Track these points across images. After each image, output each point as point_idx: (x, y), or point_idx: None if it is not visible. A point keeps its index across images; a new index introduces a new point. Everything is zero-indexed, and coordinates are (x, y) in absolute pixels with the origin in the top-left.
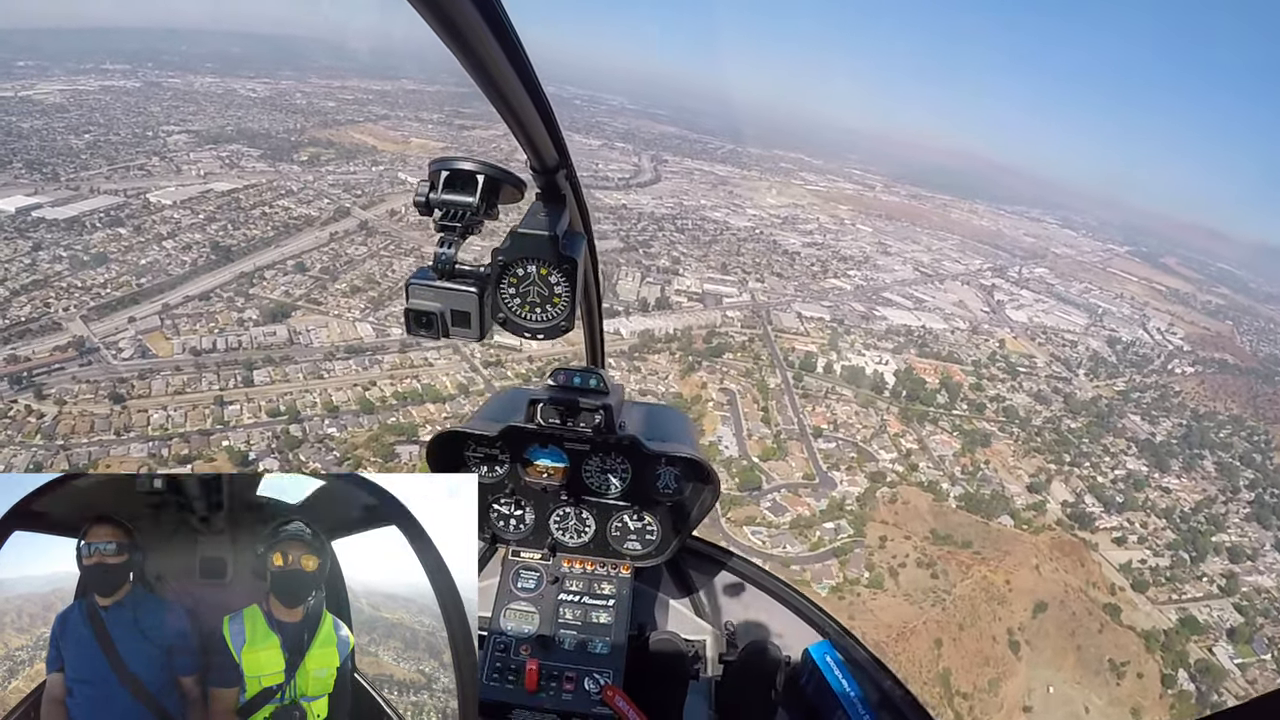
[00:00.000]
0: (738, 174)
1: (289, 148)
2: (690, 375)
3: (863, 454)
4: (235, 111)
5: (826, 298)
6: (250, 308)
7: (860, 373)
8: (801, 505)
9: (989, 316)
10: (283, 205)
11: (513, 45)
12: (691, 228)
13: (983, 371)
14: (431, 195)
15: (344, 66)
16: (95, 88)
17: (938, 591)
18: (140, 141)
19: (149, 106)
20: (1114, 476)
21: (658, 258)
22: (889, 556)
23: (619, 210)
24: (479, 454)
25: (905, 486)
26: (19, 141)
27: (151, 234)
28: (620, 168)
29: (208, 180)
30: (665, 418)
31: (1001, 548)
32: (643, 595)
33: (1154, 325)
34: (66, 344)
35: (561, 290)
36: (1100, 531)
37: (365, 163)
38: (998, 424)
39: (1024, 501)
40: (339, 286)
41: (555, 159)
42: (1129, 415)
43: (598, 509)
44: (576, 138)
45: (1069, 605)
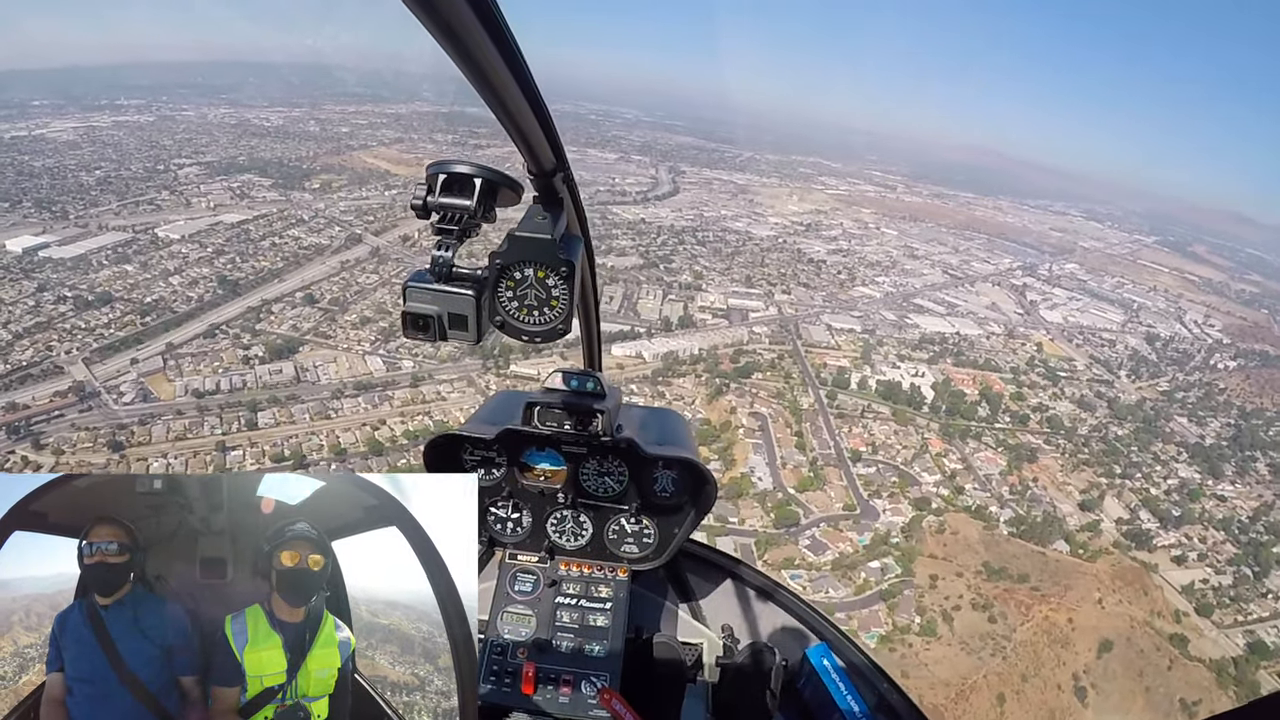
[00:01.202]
0: (757, 181)
1: (301, 176)
2: (718, 399)
3: (905, 478)
4: (248, 141)
5: (856, 307)
6: (256, 344)
7: (896, 388)
8: (843, 540)
9: (1023, 319)
10: (293, 235)
11: (510, 49)
12: (713, 239)
13: (1022, 379)
14: (429, 199)
15: (360, 93)
16: (108, 123)
17: (997, 638)
18: (151, 176)
19: (161, 140)
20: (1167, 487)
21: (679, 273)
22: (941, 598)
23: (638, 225)
24: (476, 457)
25: (952, 514)
26: (30, 180)
27: (158, 270)
28: (638, 181)
29: (217, 212)
30: (663, 421)
31: (1061, 581)
32: (640, 598)
33: (1190, 318)
34: (67, 389)
35: (559, 293)
36: (1159, 550)
37: (378, 187)
38: (1043, 436)
39: (1077, 521)
40: (349, 318)
41: (553, 162)
42: (1175, 418)
43: (595, 512)
44: (593, 152)
45: (1135, 641)
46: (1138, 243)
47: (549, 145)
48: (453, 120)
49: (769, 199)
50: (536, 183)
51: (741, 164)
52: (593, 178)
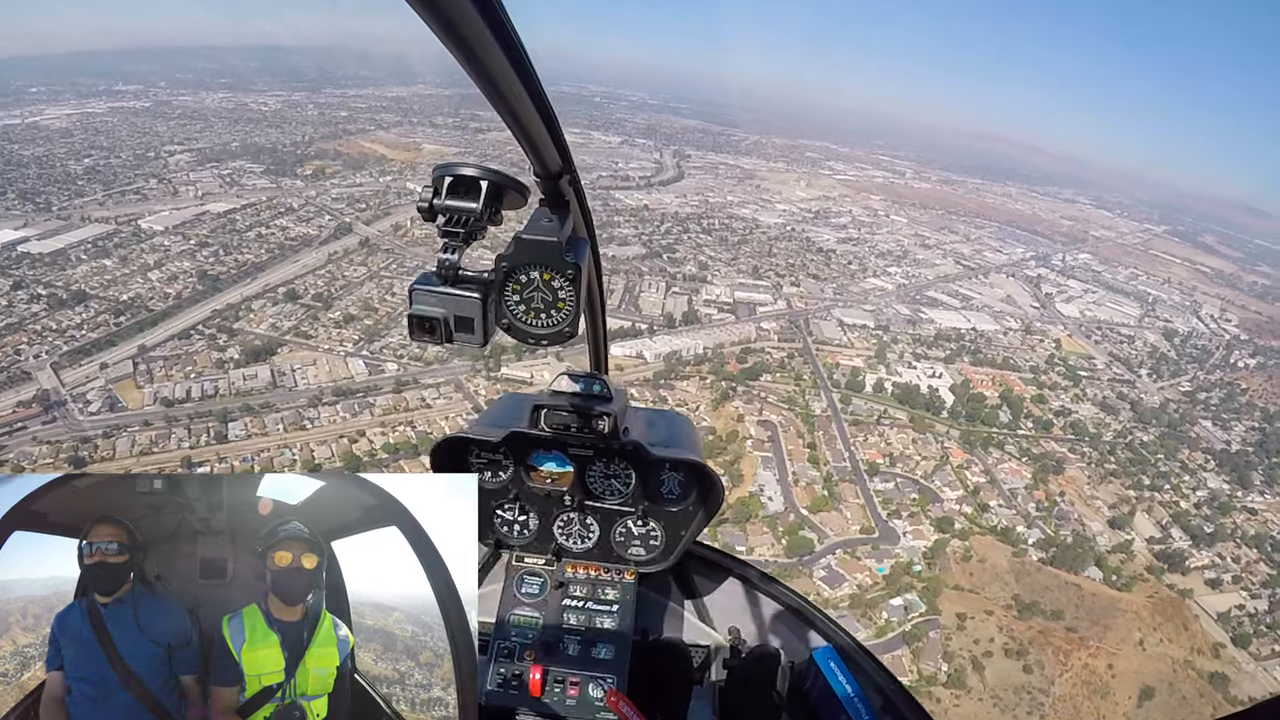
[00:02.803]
0: (764, 166)
1: (294, 161)
2: (724, 405)
3: (925, 494)
4: (243, 127)
5: (868, 300)
6: (233, 345)
7: (914, 391)
8: (861, 570)
9: (1040, 313)
10: (280, 225)
11: (516, 52)
12: (719, 227)
13: (1043, 379)
14: (435, 201)
15: (363, 76)
16: (104, 110)
17: (1033, 691)
18: (140, 164)
19: (155, 126)
20: (1197, 500)
21: (683, 263)
22: (970, 641)
23: (640, 212)
24: (483, 459)
25: (978, 536)
26: (16, 170)
27: (137, 264)
28: (641, 165)
29: (204, 201)
30: (669, 423)
31: (1099, 619)
32: (647, 600)
33: (1206, 312)
34: (31, 398)
35: (565, 296)
36: (1193, 572)
37: (373, 173)
38: (1067, 444)
39: (1108, 541)
40: (332, 315)
41: (559, 164)
42: (1200, 421)
43: (602, 514)
44: (597, 135)
45: (1177, 686)
46: (1148, 232)
47: (555, 148)
48: (455, 103)
49: (776, 184)
50: (542, 185)
51: (748, 148)
52: (595, 162)
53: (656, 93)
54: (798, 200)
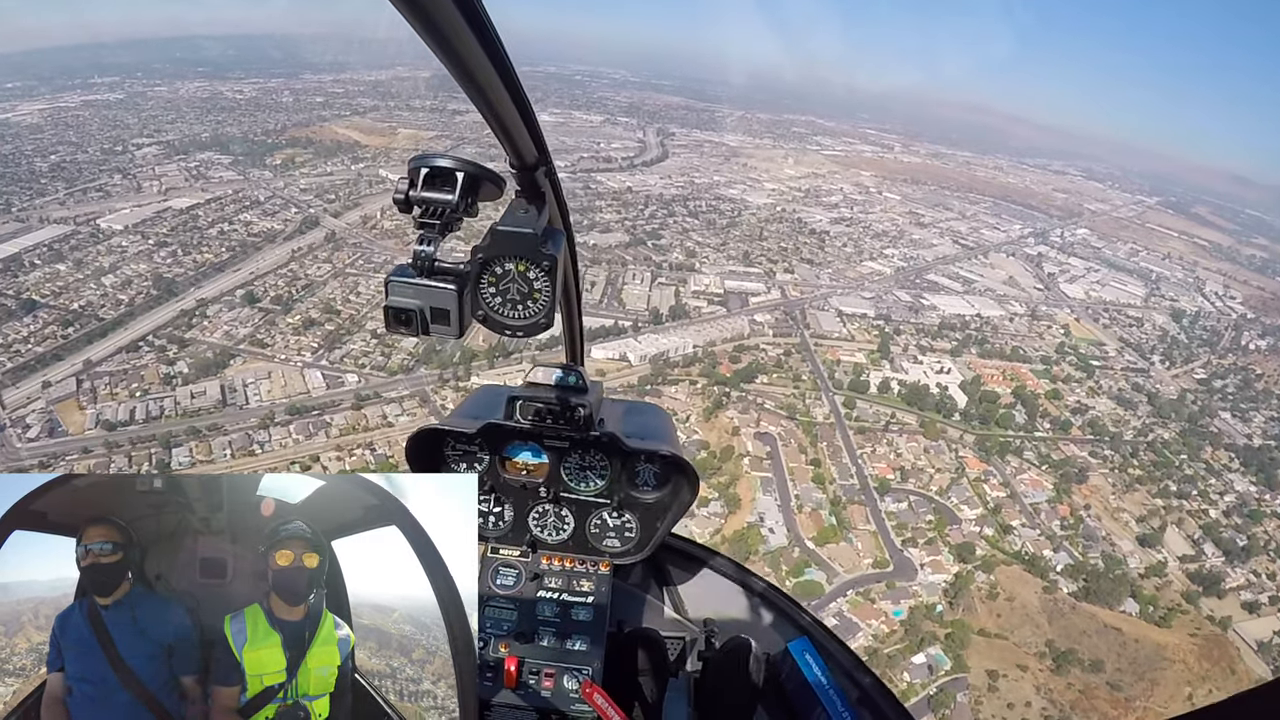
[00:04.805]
0: (750, 143)
1: (263, 151)
2: (717, 415)
3: (942, 514)
4: (216, 116)
5: (865, 286)
6: (182, 357)
7: (922, 391)
8: (876, 616)
9: (1044, 295)
10: (244, 220)
11: (492, 43)
12: (706, 210)
13: (1055, 370)
14: (411, 193)
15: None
16: (76, 103)
17: None
18: (107, 159)
19: (126, 119)
20: (1225, 506)
21: (669, 251)
22: (1003, 706)
23: (623, 195)
24: (458, 451)
25: (1003, 567)
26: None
27: (92, 268)
28: (624, 145)
29: (168, 197)
30: (645, 415)
31: (1143, 673)
32: (622, 592)
33: (1210, 289)
34: None
35: (541, 287)
36: (1229, 594)
37: (345, 161)
38: (1088, 447)
39: (1139, 562)
40: (291, 320)
41: (535, 156)
42: (1219, 414)
43: (577, 506)
44: (578, 115)
45: None
46: (1141, 204)
47: (531, 139)
48: (433, 86)
49: (763, 162)
50: (519, 177)
51: (733, 125)
52: (576, 143)
53: (639, 70)
54: (786, 179)
